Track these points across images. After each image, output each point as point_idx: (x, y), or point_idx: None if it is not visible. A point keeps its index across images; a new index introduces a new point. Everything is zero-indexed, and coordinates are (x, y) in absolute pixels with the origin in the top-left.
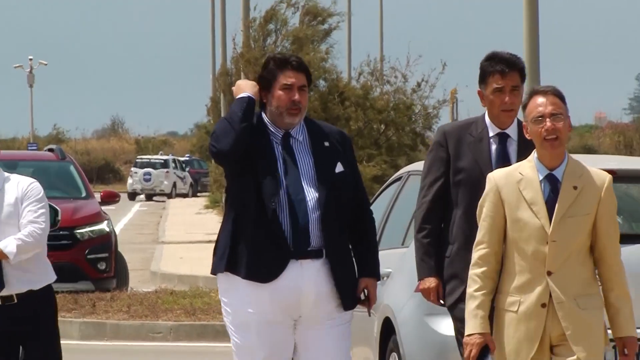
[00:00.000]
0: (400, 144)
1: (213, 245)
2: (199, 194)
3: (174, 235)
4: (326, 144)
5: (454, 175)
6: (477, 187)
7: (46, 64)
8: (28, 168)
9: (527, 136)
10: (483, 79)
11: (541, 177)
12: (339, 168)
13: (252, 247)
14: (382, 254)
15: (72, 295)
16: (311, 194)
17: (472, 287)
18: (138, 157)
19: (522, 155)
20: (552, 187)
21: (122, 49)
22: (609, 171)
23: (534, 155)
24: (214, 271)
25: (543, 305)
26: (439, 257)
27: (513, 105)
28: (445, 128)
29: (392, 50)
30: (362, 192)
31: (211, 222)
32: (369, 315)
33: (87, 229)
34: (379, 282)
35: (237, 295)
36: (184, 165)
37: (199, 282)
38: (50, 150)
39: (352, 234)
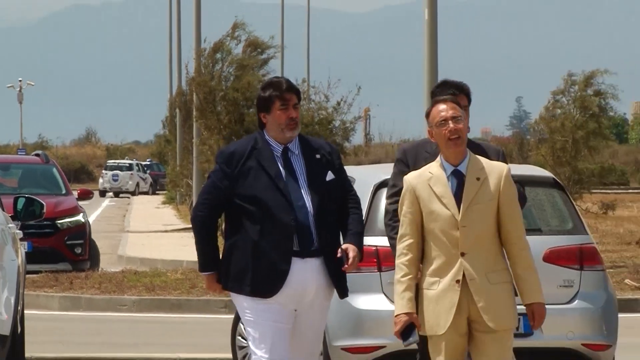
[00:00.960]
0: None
1: (170, 233)
2: (157, 192)
3: (137, 226)
4: (317, 156)
5: None
6: None
7: (33, 84)
8: (18, 169)
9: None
10: (434, 97)
11: (448, 174)
12: (330, 176)
13: (259, 257)
14: None
15: (53, 274)
16: (309, 201)
17: (398, 274)
18: (108, 161)
19: None
20: (458, 180)
21: (96, 73)
22: None
23: (440, 156)
24: (227, 288)
25: (457, 282)
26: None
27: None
28: (404, 147)
29: (317, 75)
30: (350, 186)
31: (167, 215)
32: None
33: (66, 219)
34: None
35: (252, 301)
36: (145, 168)
37: (157, 264)
38: (37, 155)
39: (341, 215)
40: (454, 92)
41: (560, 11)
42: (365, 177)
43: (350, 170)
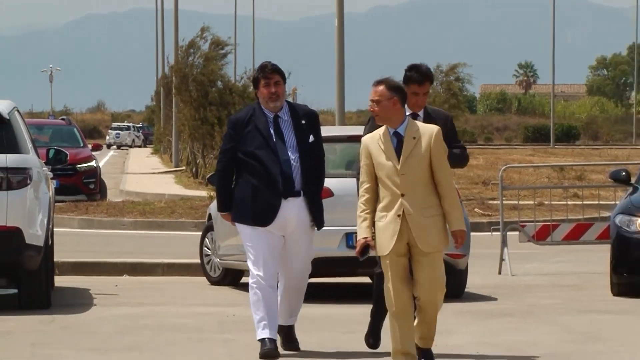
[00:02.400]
0: None
1: (156, 175)
2: (147, 146)
3: (133, 169)
4: (303, 122)
5: None
6: None
7: (60, 70)
8: (49, 129)
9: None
10: (406, 82)
11: (390, 134)
12: (311, 139)
13: (259, 195)
14: None
15: (74, 203)
16: (293, 156)
17: (359, 210)
18: (112, 124)
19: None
20: (398, 139)
21: (105, 61)
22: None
23: None
24: (237, 220)
25: (399, 216)
26: None
27: (423, 102)
28: (371, 116)
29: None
30: (322, 152)
31: (154, 162)
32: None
33: (83, 164)
34: None
35: (250, 229)
36: (139, 129)
37: (147, 196)
38: (63, 119)
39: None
40: (422, 76)
41: (438, 17)
42: None
43: None
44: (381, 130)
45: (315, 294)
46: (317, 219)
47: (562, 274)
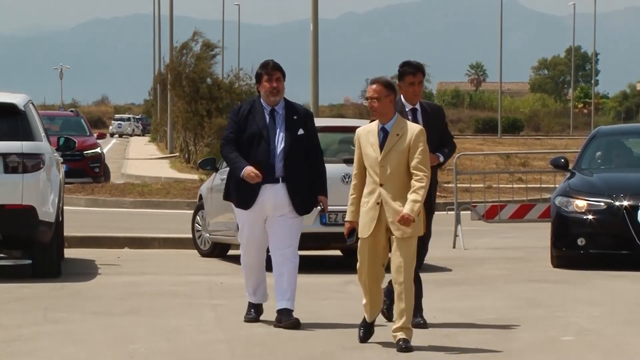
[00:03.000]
0: None
1: (153, 160)
2: (145, 135)
3: (133, 155)
4: (295, 117)
5: None
6: None
7: (69, 67)
8: (59, 120)
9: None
10: (401, 76)
11: (379, 129)
12: (300, 132)
13: (242, 180)
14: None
15: (81, 185)
16: (279, 146)
17: (350, 194)
18: (115, 115)
19: (425, 119)
20: (384, 134)
21: (109, 60)
22: (354, 127)
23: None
24: (225, 198)
25: (378, 204)
26: None
27: (419, 93)
28: None
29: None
30: (317, 146)
31: (151, 149)
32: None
33: (90, 151)
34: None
35: (238, 211)
36: (138, 120)
37: (145, 179)
38: (71, 111)
39: (310, 171)
40: (414, 69)
41: (400, 23)
42: None
43: None
44: (374, 124)
45: None
46: (296, 205)
47: (509, 248)
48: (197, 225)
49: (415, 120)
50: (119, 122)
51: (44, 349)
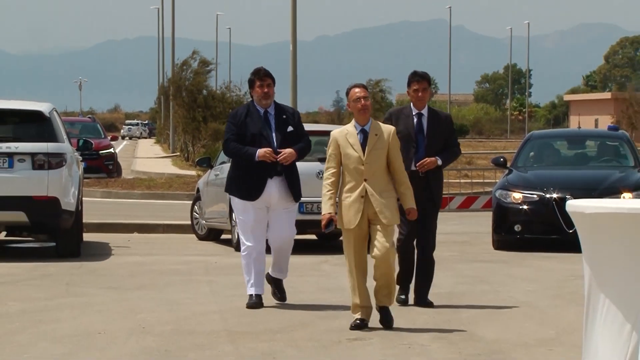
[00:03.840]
0: None
1: (157, 159)
2: (151, 137)
3: (141, 154)
4: (284, 116)
5: (397, 134)
6: (408, 139)
7: (87, 81)
8: (79, 125)
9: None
10: (409, 84)
11: (357, 131)
12: (289, 129)
13: (249, 174)
14: (229, 166)
15: (97, 179)
16: (275, 141)
17: (324, 190)
18: (126, 121)
19: (430, 124)
20: (364, 135)
21: (120, 75)
22: (327, 131)
23: (353, 120)
24: (229, 193)
25: (362, 197)
26: None
27: (424, 99)
28: (391, 110)
29: (236, 77)
30: (305, 134)
31: (156, 150)
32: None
33: (104, 151)
34: (227, 171)
35: (240, 202)
36: (145, 125)
37: (151, 174)
38: (89, 117)
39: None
40: (420, 78)
41: (366, 44)
42: None
43: None
44: (349, 127)
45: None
46: (295, 193)
47: (457, 233)
48: (195, 213)
49: (420, 124)
50: (129, 126)
51: (66, 318)
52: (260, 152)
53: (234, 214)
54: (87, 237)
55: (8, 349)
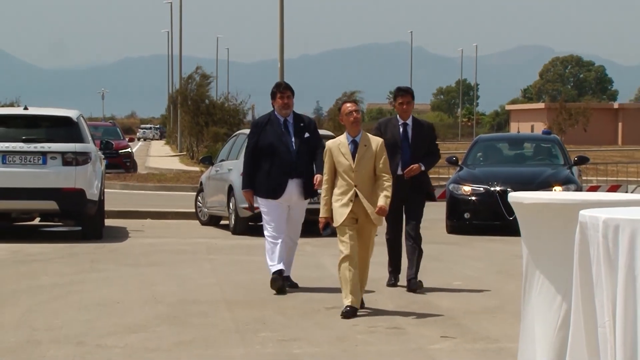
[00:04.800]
0: (234, 124)
1: (167, 157)
2: (162, 139)
3: (153, 153)
4: (301, 124)
5: (384, 142)
6: (395, 146)
7: (108, 91)
8: (101, 128)
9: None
10: (395, 97)
11: (349, 141)
12: (306, 135)
13: (272, 176)
14: (228, 163)
15: (116, 174)
16: (294, 148)
17: (322, 195)
18: (141, 125)
19: (414, 133)
20: (354, 146)
21: (135, 87)
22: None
23: (346, 132)
24: (257, 195)
25: (351, 200)
26: None
27: (408, 111)
28: (380, 121)
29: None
30: (320, 141)
31: (166, 149)
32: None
33: (123, 150)
34: (226, 168)
35: (265, 200)
36: (157, 128)
37: (162, 170)
38: (110, 122)
39: (314, 155)
40: (403, 92)
41: (342, 63)
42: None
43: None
44: (341, 138)
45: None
46: (309, 193)
47: None
48: (198, 203)
49: (405, 132)
50: (143, 130)
51: (90, 290)
52: (245, 194)
53: (231, 203)
54: (108, 222)
55: (43, 316)
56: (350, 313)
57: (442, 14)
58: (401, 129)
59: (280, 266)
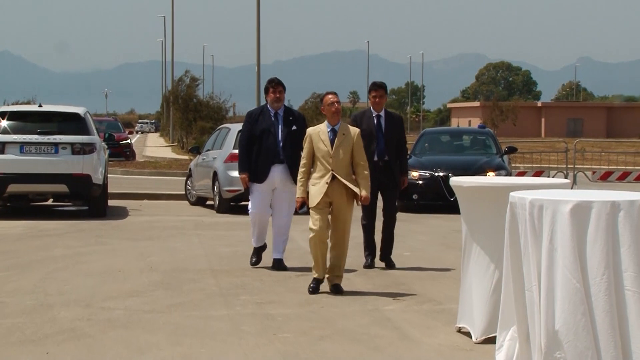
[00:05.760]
0: (218, 119)
1: (161, 147)
2: (157, 132)
3: (150, 144)
4: (291, 118)
5: (360, 133)
6: (370, 136)
7: (111, 91)
8: (105, 123)
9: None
10: (369, 92)
11: (329, 130)
12: (294, 128)
13: (258, 162)
14: (213, 152)
15: (117, 162)
16: (280, 137)
17: (298, 177)
18: (139, 120)
19: (387, 123)
20: (333, 134)
21: (134, 89)
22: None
23: (326, 121)
24: (250, 180)
25: (327, 183)
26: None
27: (381, 104)
28: (355, 114)
29: (217, 90)
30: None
31: (161, 141)
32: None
33: (123, 141)
34: (212, 156)
35: (252, 184)
36: (152, 123)
37: (157, 159)
38: (112, 118)
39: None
40: (377, 87)
41: (310, 67)
42: (234, 127)
43: (232, 125)
44: (322, 126)
45: (242, 209)
46: (294, 178)
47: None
48: (187, 186)
49: (379, 124)
50: (141, 124)
51: (95, 260)
52: (242, 177)
53: (215, 186)
54: (111, 202)
55: (55, 282)
56: (315, 289)
57: (394, 26)
58: (375, 120)
59: (259, 243)
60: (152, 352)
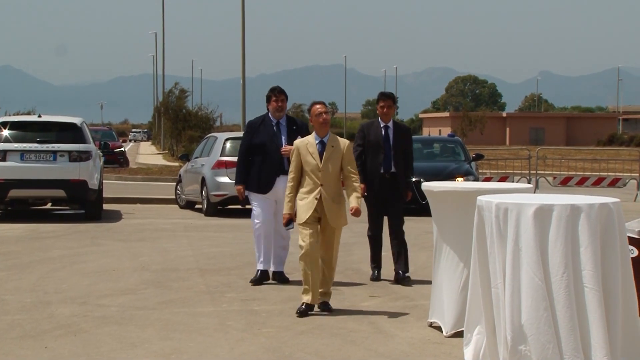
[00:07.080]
0: (206, 129)
1: (153, 155)
2: (149, 140)
3: (142, 152)
4: (294, 127)
5: (367, 143)
6: (377, 147)
7: (105, 102)
8: (100, 132)
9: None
10: (377, 102)
11: (317, 142)
12: (298, 137)
13: (262, 173)
14: (201, 159)
15: (112, 167)
16: (284, 146)
17: (287, 192)
18: (132, 129)
19: (395, 134)
20: (322, 146)
21: (128, 99)
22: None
23: (314, 132)
24: (248, 189)
25: (316, 199)
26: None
27: (389, 114)
28: (362, 124)
29: (205, 101)
30: None
31: (152, 149)
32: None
33: (117, 149)
34: (200, 163)
35: (255, 194)
36: (145, 132)
37: (149, 165)
38: (107, 127)
39: None
40: (385, 98)
41: (293, 81)
42: (221, 136)
43: (219, 134)
44: (310, 138)
45: (228, 212)
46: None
47: None
48: (177, 191)
49: (387, 134)
50: (134, 133)
51: (91, 260)
52: (238, 189)
53: (203, 191)
54: (106, 206)
55: (53, 281)
56: (304, 312)
57: (369, 42)
58: (383, 131)
59: (264, 266)
60: (143, 347)
